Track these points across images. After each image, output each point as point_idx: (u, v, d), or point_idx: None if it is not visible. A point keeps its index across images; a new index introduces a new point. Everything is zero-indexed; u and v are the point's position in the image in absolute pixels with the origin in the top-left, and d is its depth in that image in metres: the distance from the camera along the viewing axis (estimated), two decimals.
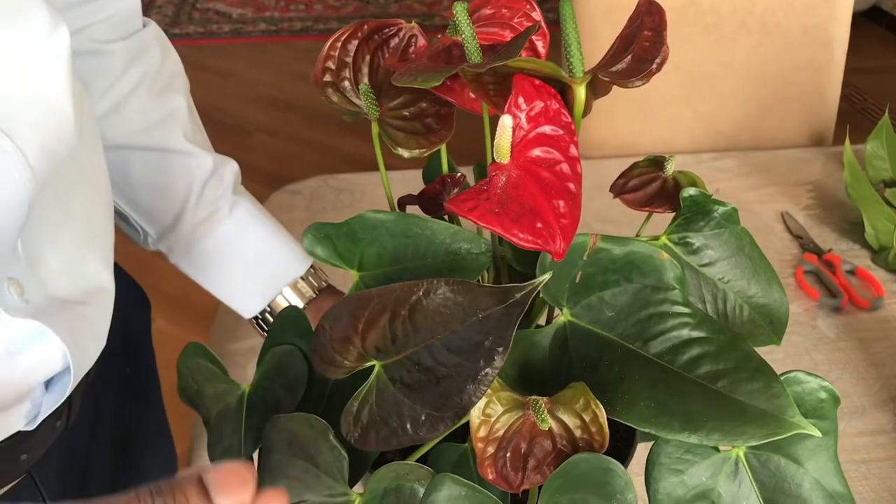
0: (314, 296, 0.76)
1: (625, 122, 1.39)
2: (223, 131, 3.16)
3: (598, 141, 1.39)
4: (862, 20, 3.60)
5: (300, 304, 0.75)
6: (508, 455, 0.45)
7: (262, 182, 2.21)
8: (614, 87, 0.46)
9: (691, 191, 0.55)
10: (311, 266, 0.76)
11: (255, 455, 0.53)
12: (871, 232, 1.06)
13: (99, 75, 0.70)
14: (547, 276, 0.40)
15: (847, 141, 1.11)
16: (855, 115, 2.98)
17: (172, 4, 4.00)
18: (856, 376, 0.89)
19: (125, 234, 0.77)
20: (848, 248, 1.08)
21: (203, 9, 3.96)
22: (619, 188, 0.59)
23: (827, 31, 1.33)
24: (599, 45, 0.46)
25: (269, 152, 2.82)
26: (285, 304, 0.75)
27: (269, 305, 0.75)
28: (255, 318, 0.76)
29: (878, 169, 1.16)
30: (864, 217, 1.07)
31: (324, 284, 0.77)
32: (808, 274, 1.03)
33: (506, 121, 0.37)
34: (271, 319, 0.76)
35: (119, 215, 0.75)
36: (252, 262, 0.75)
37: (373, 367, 0.45)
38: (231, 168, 0.75)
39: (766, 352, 0.60)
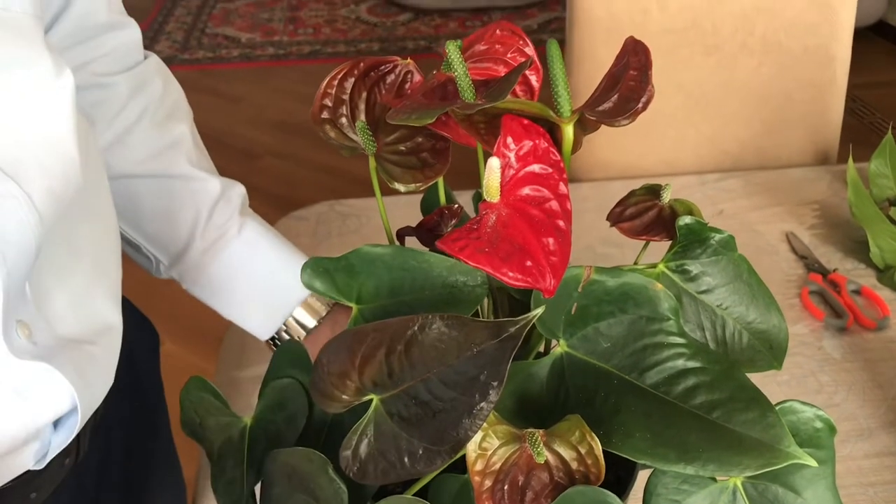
0: (328, 309, 0.76)
1: (629, 144, 1.39)
2: (232, 155, 3.20)
3: (603, 163, 1.39)
4: (868, 35, 3.60)
5: (313, 322, 0.75)
6: (506, 488, 0.45)
7: (271, 205, 2.23)
8: None
9: (687, 219, 0.56)
10: None
11: (258, 488, 0.53)
12: (876, 251, 1.06)
13: (103, 107, 0.71)
14: (540, 311, 0.41)
15: (850, 160, 1.11)
16: (862, 130, 2.98)
17: (182, 30, 4.04)
18: (862, 397, 0.89)
19: (138, 264, 0.78)
20: (853, 268, 1.08)
21: (212, 34, 4.00)
22: (616, 217, 0.59)
23: (828, 51, 1.34)
24: (599, 66, 0.47)
25: (279, 175, 2.84)
26: (299, 324, 0.75)
27: (284, 324, 0.76)
28: (272, 338, 0.77)
29: (882, 187, 1.16)
30: (868, 236, 1.07)
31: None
32: (813, 294, 1.03)
33: (493, 163, 0.38)
34: (287, 338, 0.76)
35: (131, 245, 0.76)
36: (263, 282, 0.75)
37: (371, 401, 0.45)
38: (238, 191, 0.76)
39: (771, 374, 0.61)
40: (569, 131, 0.40)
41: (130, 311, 0.73)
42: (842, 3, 1.31)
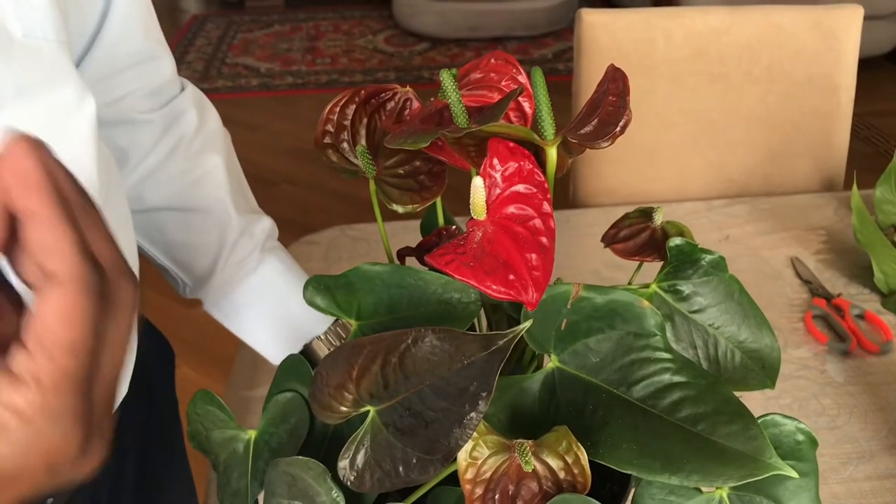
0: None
1: (636, 170, 1.41)
2: (250, 182, 3.23)
3: (610, 189, 1.41)
4: (883, 63, 3.62)
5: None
6: (497, 497, 0.47)
7: (287, 231, 2.26)
8: (623, 138, 0.49)
9: (677, 241, 0.58)
10: (337, 321, 0.78)
11: (261, 497, 0.55)
12: (880, 276, 1.07)
13: (136, 144, 0.72)
14: (527, 325, 0.43)
15: (854, 186, 1.12)
16: (877, 158, 2.98)
17: (202, 60, 4.12)
18: (864, 420, 0.89)
19: (168, 282, 0.81)
20: (857, 293, 1.09)
21: (232, 63, 4.08)
22: (611, 238, 0.61)
23: (833, 80, 1.35)
24: None
25: (294, 201, 2.88)
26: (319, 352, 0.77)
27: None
28: None
29: (887, 213, 1.17)
30: (873, 261, 1.08)
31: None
32: (816, 318, 1.04)
33: (477, 182, 0.40)
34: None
35: (159, 266, 0.79)
36: (276, 317, 0.77)
37: (367, 412, 0.47)
38: (262, 226, 0.77)
39: (773, 396, 0.61)
40: (552, 153, 0.43)
41: (147, 329, 0.75)
42: (846, 32, 1.33)
